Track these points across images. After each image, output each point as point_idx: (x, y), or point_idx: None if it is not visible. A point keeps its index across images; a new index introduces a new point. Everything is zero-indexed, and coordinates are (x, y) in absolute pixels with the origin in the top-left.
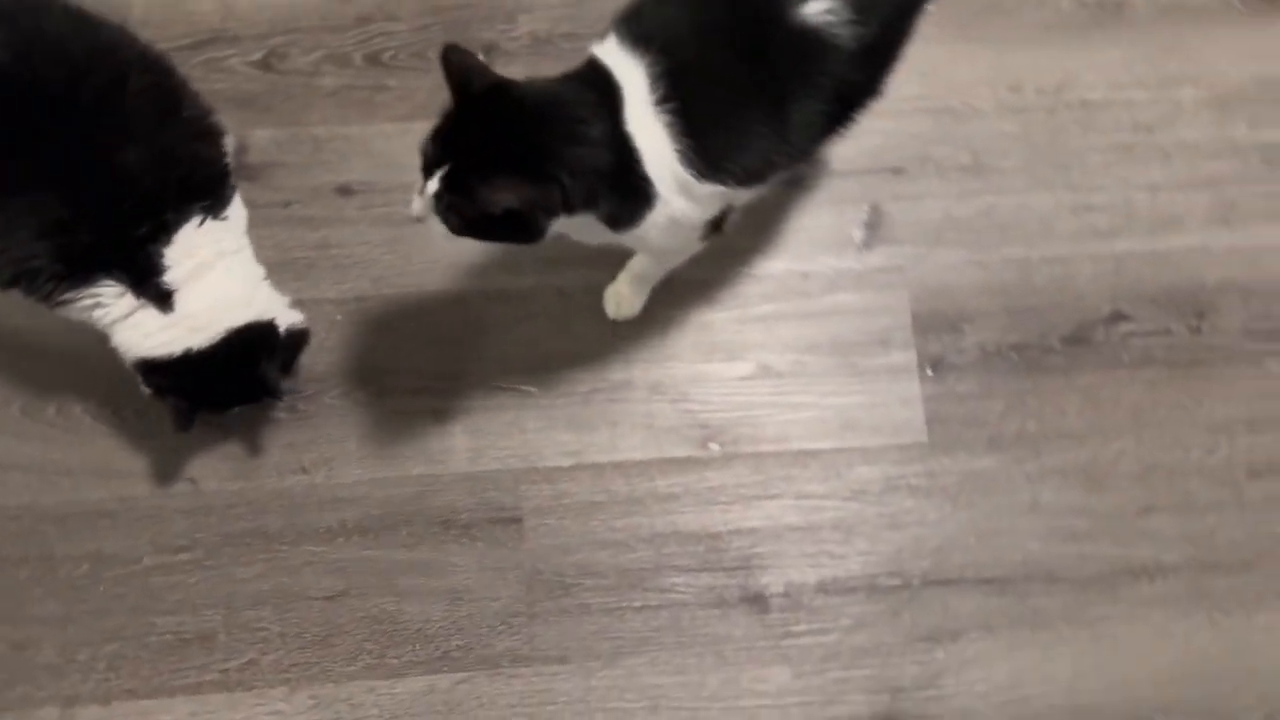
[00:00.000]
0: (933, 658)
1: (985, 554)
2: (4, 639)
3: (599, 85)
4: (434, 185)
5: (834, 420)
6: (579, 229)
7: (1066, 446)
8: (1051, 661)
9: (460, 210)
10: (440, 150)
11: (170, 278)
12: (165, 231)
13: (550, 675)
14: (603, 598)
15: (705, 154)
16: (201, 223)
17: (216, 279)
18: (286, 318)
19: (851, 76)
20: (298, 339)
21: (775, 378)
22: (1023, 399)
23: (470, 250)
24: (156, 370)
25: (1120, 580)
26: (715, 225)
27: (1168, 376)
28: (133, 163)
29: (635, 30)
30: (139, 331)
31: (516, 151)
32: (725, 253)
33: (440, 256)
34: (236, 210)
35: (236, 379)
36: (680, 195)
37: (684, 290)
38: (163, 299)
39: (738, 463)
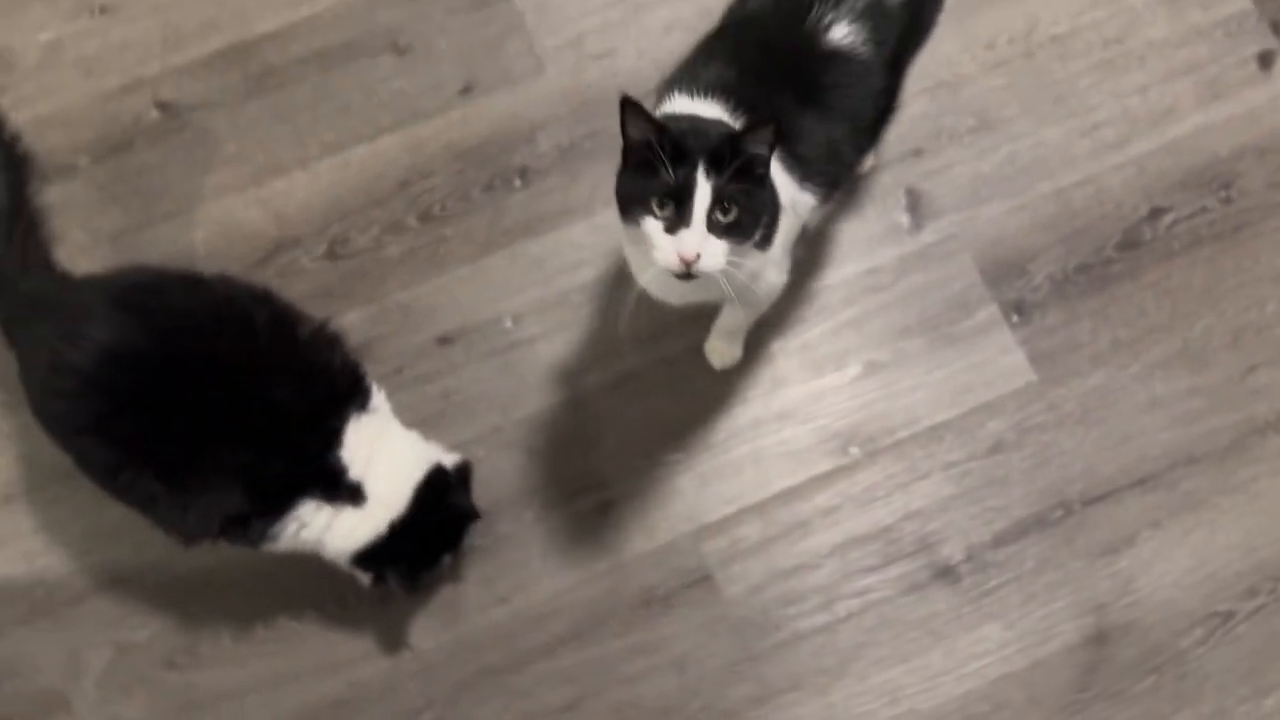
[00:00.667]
0: (1118, 567)
1: (1127, 459)
2: None
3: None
4: (703, 191)
5: (949, 390)
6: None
7: (1159, 340)
8: (1221, 533)
9: (755, 165)
10: (679, 163)
11: (353, 474)
12: (335, 436)
13: (791, 705)
14: (809, 620)
15: (799, 162)
16: (359, 419)
17: (386, 457)
18: (448, 458)
19: (878, 85)
20: (465, 469)
21: (883, 370)
22: (1105, 312)
23: (573, 355)
24: (370, 556)
25: (1251, 441)
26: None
27: (1221, 248)
28: (286, 392)
29: (696, 83)
30: (343, 532)
31: (726, 131)
32: (796, 277)
33: (549, 368)
34: (378, 397)
35: (436, 528)
36: (790, 208)
37: (772, 324)
38: (355, 495)
39: (880, 457)
